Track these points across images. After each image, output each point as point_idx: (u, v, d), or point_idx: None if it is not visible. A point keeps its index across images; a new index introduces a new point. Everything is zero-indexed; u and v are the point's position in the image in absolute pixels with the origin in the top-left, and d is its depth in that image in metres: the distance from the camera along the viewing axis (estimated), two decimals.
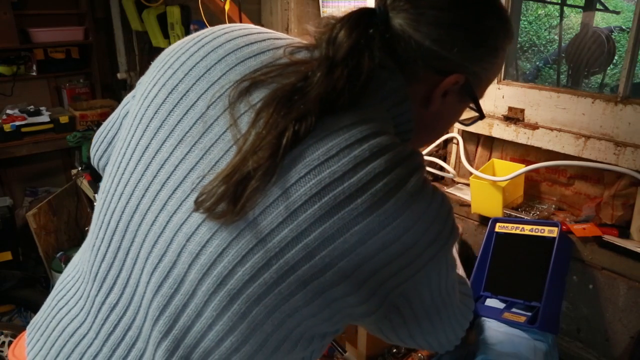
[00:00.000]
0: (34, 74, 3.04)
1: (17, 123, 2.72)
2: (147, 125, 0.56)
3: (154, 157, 0.54)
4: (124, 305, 0.55)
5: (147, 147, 0.55)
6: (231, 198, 0.48)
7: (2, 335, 2.11)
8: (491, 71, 0.64)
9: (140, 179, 0.55)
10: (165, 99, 0.56)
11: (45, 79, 3.18)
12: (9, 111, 2.85)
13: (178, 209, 0.52)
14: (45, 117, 2.84)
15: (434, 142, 0.73)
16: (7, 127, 2.68)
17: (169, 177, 0.53)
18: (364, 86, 0.54)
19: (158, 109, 0.56)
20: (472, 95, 0.63)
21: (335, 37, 0.54)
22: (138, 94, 0.62)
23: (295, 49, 0.58)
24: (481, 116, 0.67)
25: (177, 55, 0.59)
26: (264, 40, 0.59)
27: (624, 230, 1.02)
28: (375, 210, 0.47)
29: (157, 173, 0.54)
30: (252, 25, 0.63)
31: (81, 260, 0.64)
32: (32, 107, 2.89)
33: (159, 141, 0.55)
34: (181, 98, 0.55)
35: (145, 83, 0.61)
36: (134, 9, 2.66)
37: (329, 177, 0.47)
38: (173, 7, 2.30)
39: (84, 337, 0.57)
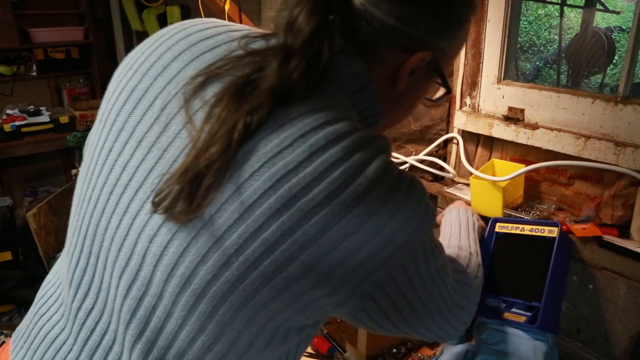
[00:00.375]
0: (34, 74, 3.05)
1: (17, 123, 2.72)
2: (110, 129, 0.56)
3: (116, 159, 0.54)
4: (99, 310, 0.55)
5: (110, 150, 0.55)
6: (187, 197, 0.47)
7: (2, 335, 2.11)
8: (457, 45, 0.63)
9: (105, 183, 0.54)
10: (126, 101, 0.56)
11: (45, 79, 3.18)
12: (9, 111, 2.85)
13: (140, 211, 0.51)
14: (45, 117, 2.84)
15: (403, 120, 0.71)
16: (7, 127, 2.68)
17: (130, 179, 0.53)
18: (322, 75, 0.52)
19: (119, 111, 0.56)
20: (438, 71, 0.61)
21: (293, 23, 0.52)
22: (104, 98, 0.61)
23: (252, 39, 0.56)
24: (448, 91, 0.66)
25: (137, 57, 0.59)
26: (220, 33, 0.58)
27: (624, 230, 1.02)
28: (334, 199, 0.46)
29: (120, 176, 0.53)
30: (211, 20, 0.61)
31: (60, 266, 0.64)
32: (32, 107, 2.89)
33: (121, 144, 0.54)
34: (140, 99, 0.55)
35: (110, 86, 0.60)
36: (134, 9, 2.66)
37: (284, 169, 0.46)
38: (173, 7, 2.30)
39: (64, 343, 0.57)
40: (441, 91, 0.68)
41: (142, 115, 0.54)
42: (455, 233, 0.92)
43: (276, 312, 0.50)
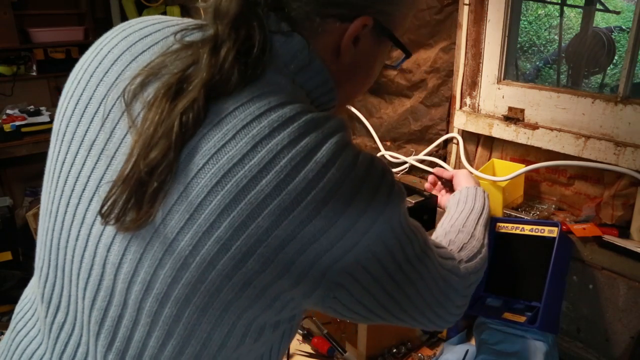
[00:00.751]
0: (34, 74, 3.04)
1: (17, 123, 2.72)
2: (62, 140, 0.55)
3: (69, 171, 0.53)
4: (70, 323, 0.54)
5: (64, 162, 0.54)
6: (134, 205, 0.46)
7: (2, 335, 2.11)
8: (403, 4, 0.58)
9: (62, 195, 0.54)
10: (74, 111, 0.54)
11: (45, 79, 3.17)
12: (9, 111, 2.85)
13: (95, 221, 0.50)
14: (45, 117, 2.84)
15: (363, 90, 0.67)
16: (7, 127, 2.67)
17: (83, 190, 0.52)
18: (258, 59, 0.49)
19: (68, 122, 0.55)
20: (388, 34, 0.58)
21: (219, 7, 0.50)
22: (57, 109, 0.60)
23: (188, 31, 0.53)
24: (407, 54, 0.62)
25: (81, 65, 0.57)
26: (158, 30, 0.55)
27: (624, 230, 1.02)
28: (284, 188, 0.44)
29: (73, 187, 0.52)
30: (153, 17, 0.59)
31: (34, 281, 0.63)
32: (32, 107, 2.89)
33: (72, 154, 0.53)
34: (86, 107, 0.54)
35: (60, 98, 0.59)
36: (134, 9, 2.66)
37: (228, 163, 0.45)
38: (173, 7, 2.30)
39: (41, 358, 0.56)
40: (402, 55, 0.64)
41: (88, 124, 0.53)
42: (464, 215, 0.85)
43: (243, 309, 0.49)
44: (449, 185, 1.05)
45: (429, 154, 1.41)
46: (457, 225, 0.81)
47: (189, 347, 0.49)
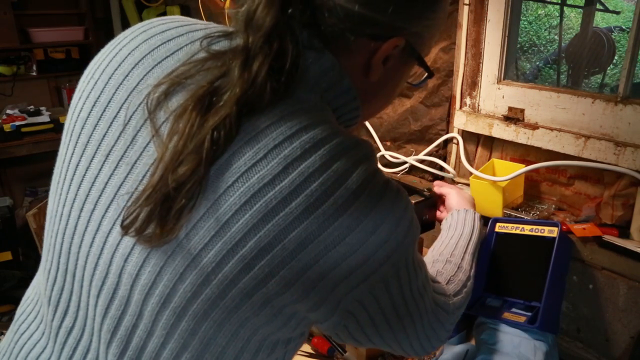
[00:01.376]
0: (34, 74, 3.04)
1: (17, 123, 2.72)
2: (77, 142, 0.53)
3: (84, 174, 0.52)
4: (79, 329, 0.53)
5: (77, 165, 0.52)
6: (158, 220, 0.45)
7: (2, 335, 2.11)
8: (434, 26, 0.58)
9: (74, 199, 0.52)
10: (90, 112, 0.53)
11: (45, 79, 3.18)
12: (9, 111, 2.85)
13: (112, 229, 0.49)
14: (45, 117, 2.84)
15: (384, 108, 0.67)
16: (7, 127, 2.68)
17: (100, 196, 0.50)
18: (290, 75, 0.48)
19: (84, 124, 0.53)
20: (416, 55, 0.58)
21: (252, 17, 0.48)
22: (70, 107, 0.58)
23: (214, 39, 0.52)
24: (430, 75, 0.62)
25: (99, 63, 0.55)
26: (181, 34, 0.53)
27: (624, 230, 1.02)
28: (313, 212, 0.44)
29: (89, 192, 0.51)
30: (174, 18, 0.57)
31: (38, 282, 0.62)
32: (32, 107, 2.89)
33: (88, 158, 0.52)
34: (104, 110, 0.52)
35: (74, 95, 0.57)
36: (134, 9, 2.66)
37: (258, 183, 0.44)
38: (173, 7, 2.30)
39: None
40: (422, 74, 0.64)
41: (107, 128, 0.51)
42: (453, 242, 0.85)
43: (259, 326, 0.49)
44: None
45: (429, 154, 1.41)
46: (445, 254, 0.82)
47: None
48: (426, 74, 0.63)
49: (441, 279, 0.75)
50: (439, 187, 1.04)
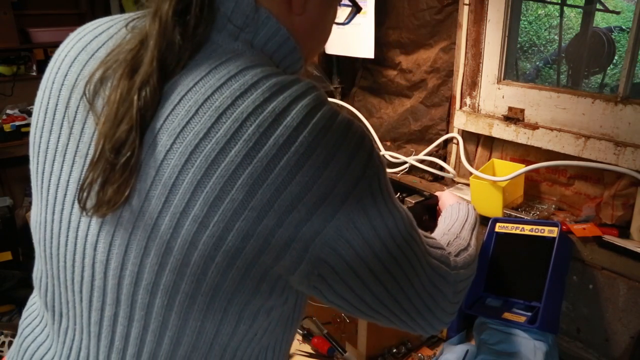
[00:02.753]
0: (34, 74, 3.04)
1: (17, 123, 2.72)
2: (39, 152, 0.55)
3: (50, 179, 0.53)
4: (72, 329, 0.55)
5: (44, 173, 0.54)
6: (107, 184, 0.46)
7: (2, 335, 2.11)
8: None
9: (47, 205, 0.54)
10: (44, 120, 0.55)
11: None
12: (9, 111, 2.85)
13: (80, 222, 0.51)
14: None
15: (321, 49, 0.66)
16: (7, 127, 2.68)
17: (65, 194, 0.52)
18: (198, 17, 0.48)
19: (42, 132, 0.55)
20: None
21: None
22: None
23: (138, 19, 0.52)
24: (357, 9, 0.61)
25: (46, 75, 0.58)
26: (112, 26, 0.55)
27: (624, 230, 1.02)
28: (254, 156, 0.43)
29: (56, 194, 0.53)
30: (105, 17, 0.59)
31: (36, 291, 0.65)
32: (32, 107, 2.88)
33: (50, 163, 0.54)
34: (54, 115, 0.54)
35: (33, 111, 0.60)
36: (134, 9, 2.66)
37: (195, 139, 0.44)
38: None
39: None
40: (348, 10, 0.63)
41: (59, 130, 0.53)
42: (449, 224, 0.82)
43: (232, 293, 0.48)
44: None
45: (429, 154, 1.41)
46: (441, 231, 0.80)
47: (184, 336, 0.49)
48: (354, 9, 0.62)
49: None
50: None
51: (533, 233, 1.05)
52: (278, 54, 0.54)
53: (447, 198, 0.99)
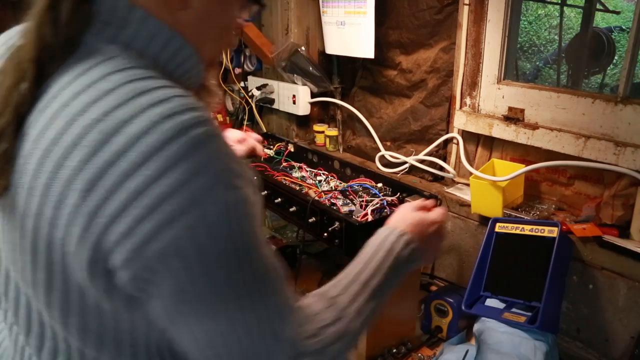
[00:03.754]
0: None
1: None
2: None
3: None
4: (11, 325, 0.58)
5: None
6: None
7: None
8: None
9: None
10: None
11: None
12: None
13: None
14: None
15: (224, 49, 0.63)
16: None
17: None
18: (80, 22, 0.48)
19: None
20: None
21: None
22: None
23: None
24: (261, 5, 0.59)
25: None
26: (2, 38, 0.58)
27: (624, 230, 1.02)
28: (91, 160, 0.43)
29: None
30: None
31: None
32: None
33: None
34: None
35: None
36: None
37: (50, 145, 0.45)
38: None
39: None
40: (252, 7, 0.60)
41: None
42: (352, 276, 0.65)
43: (80, 286, 0.48)
44: None
45: (429, 154, 1.41)
46: (333, 292, 0.62)
47: (87, 317, 0.51)
48: (255, 5, 0.59)
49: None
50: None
51: (533, 233, 1.05)
52: (164, 54, 0.52)
53: (394, 215, 0.77)
